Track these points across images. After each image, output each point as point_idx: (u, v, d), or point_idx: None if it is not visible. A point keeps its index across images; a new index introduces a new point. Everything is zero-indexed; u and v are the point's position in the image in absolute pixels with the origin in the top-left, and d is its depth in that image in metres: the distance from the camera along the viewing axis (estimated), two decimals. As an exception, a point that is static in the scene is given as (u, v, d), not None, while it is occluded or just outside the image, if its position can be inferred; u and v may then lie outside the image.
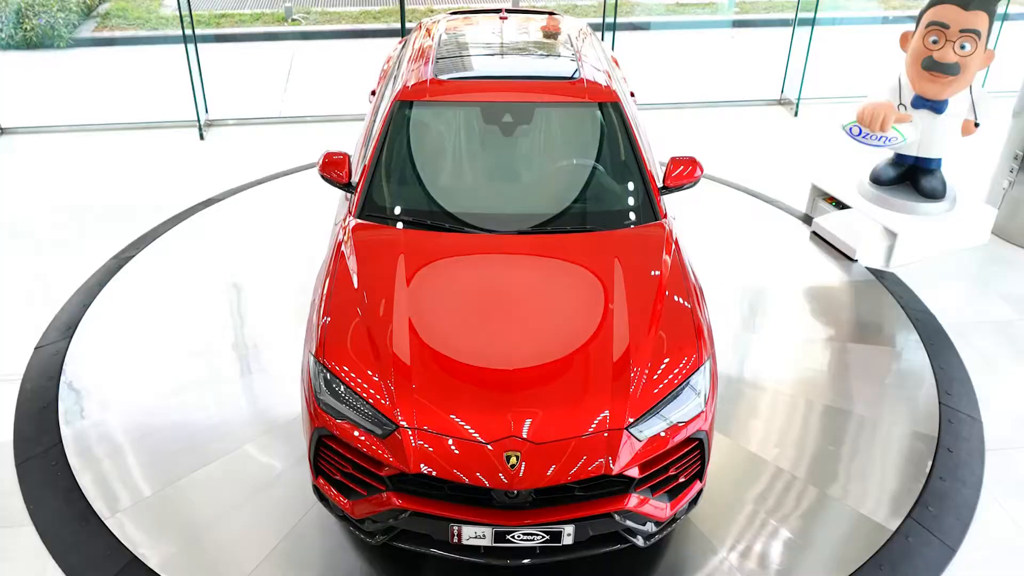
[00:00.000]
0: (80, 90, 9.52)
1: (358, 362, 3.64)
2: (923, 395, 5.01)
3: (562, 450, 3.39)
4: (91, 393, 4.84)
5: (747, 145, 8.36)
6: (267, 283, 5.81)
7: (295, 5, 11.79)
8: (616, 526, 3.49)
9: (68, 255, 6.12)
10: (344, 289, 3.98)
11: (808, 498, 4.26)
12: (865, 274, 6.17)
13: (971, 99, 6.27)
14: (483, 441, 3.38)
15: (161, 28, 11.17)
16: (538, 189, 4.67)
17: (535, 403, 3.49)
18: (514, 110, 4.74)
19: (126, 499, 4.13)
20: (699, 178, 4.65)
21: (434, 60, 4.99)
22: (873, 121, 6.20)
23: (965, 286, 6.19)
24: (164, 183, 7.26)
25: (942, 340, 5.49)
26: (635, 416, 3.49)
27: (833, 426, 4.75)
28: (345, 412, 3.54)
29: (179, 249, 6.23)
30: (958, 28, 5.95)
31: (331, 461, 3.63)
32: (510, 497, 3.36)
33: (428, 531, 3.48)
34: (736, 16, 12.53)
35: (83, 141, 8.06)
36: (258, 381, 4.95)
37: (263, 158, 7.64)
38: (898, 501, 4.26)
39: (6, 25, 10.20)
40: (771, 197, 7.23)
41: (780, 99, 9.34)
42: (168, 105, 8.60)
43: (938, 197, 6.51)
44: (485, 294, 4.02)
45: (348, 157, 4.64)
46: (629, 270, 4.03)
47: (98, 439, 4.49)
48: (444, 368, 3.62)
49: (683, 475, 3.67)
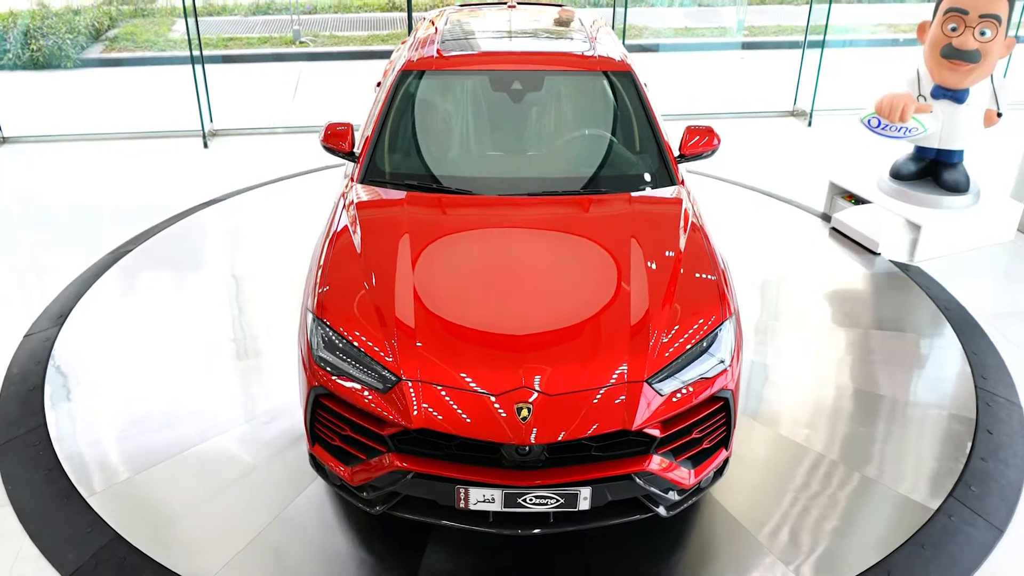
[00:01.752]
0: (85, 103, 9.49)
1: (360, 320, 3.40)
2: (957, 379, 4.75)
3: (577, 403, 3.13)
4: (79, 377, 4.61)
5: (762, 152, 8.21)
6: (262, 278, 5.66)
7: (303, 28, 11.81)
8: (636, 491, 3.21)
9: (64, 252, 5.97)
10: (345, 252, 3.76)
11: (842, 478, 3.97)
12: (889, 267, 5.93)
13: (992, 88, 6.09)
14: (492, 393, 3.12)
15: (169, 50, 11.18)
16: (547, 155, 4.48)
17: (548, 360, 3.24)
18: (523, 78, 4.57)
19: (110, 479, 3.88)
20: (717, 147, 4.46)
21: (440, 41, 4.85)
22: (892, 111, 6.02)
23: (993, 280, 5.94)
24: (164, 186, 7.13)
25: (973, 328, 5.23)
26: (655, 369, 3.24)
27: (865, 409, 4.48)
28: (344, 367, 3.29)
29: (175, 245, 6.09)
30: (977, 14, 5.80)
31: (328, 425, 3.37)
32: (521, 454, 3.09)
33: (432, 496, 3.20)
34: (745, 38, 12.50)
35: (85, 149, 7.98)
36: (247, 373, 4.72)
37: (266, 164, 7.52)
38: (937, 481, 3.97)
39: (13, 46, 10.20)
40: (789, 198, 7.03)
41: (793, 111, 9.22)
42: (173, 116, 8.52)
43: (961, 190, 6.29)
44: (494, 260, 3.79)
45: (351, 127, 4.47)
46: (646, 233, 3.81)
47: (84, 421, 4.26)
48: (451, 331, 3.38)
49: (708, 440, 3.40)
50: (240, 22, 12.75)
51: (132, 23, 12.15)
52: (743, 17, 12.83)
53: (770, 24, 13.07)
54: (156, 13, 12.92)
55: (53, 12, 11.32)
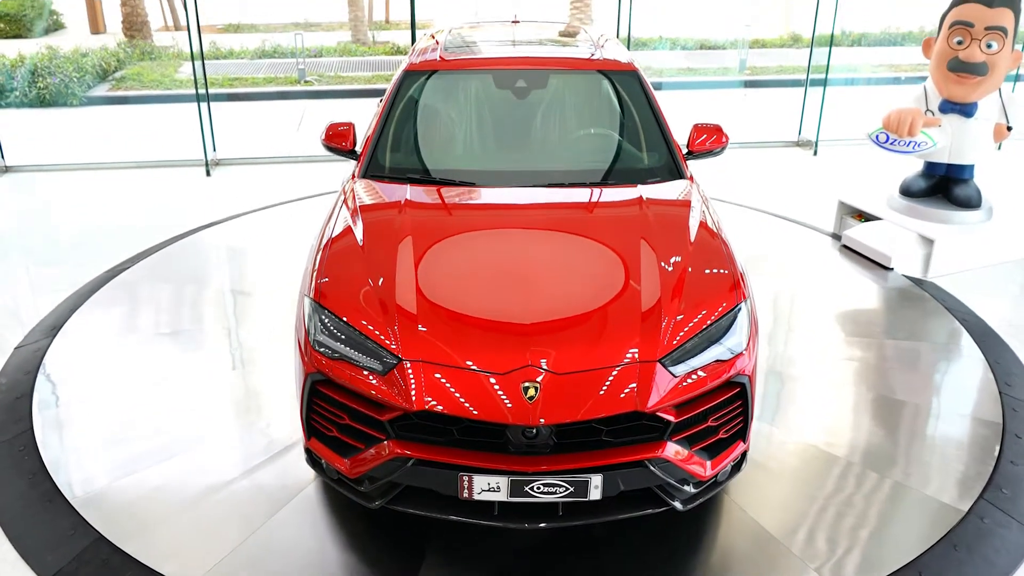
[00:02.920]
0: (89, 136, 9.51)
1: (360, 305, 3.26)
2: (980, 386, 4.58)
3: (587, 382, 2.97)
4: (68, 386, 4.47)
5: (770, 178, 8.16)
6: (258, 295, 5.58)
7: (308, 69, 11.90)
8: (651, 480, 3.02)
9: (61, 270, 5.88)
10: (346, 244, 3.64)
11: (866, 482, 3.78)
12: (903, 281, 5.79)
13: (1001, 101, 6.03)
14: (497, 372, 2.96)
15: (175, 88, 11.25)
16: (552, 152, 4.39)
17: (556, 342, 3.09)
18: (527, 77, 4.51)
19: (96, 483, 3.70)
20: (725, 145, 4.39)
21: (443, 48, 4.80)
22: (900, 126, 5.94)
23: (1011, 295, 5.78)
24: (164, 211, 7.06)
25: (993, 339, 5.07)
26: (668, 350, 3.08)
27: (887, 414, 4.30)
28: (342, 350, 3.14)
29: (173, 263, 6.00)
30: (983, 26, 5.77)
31: (325, 414, 3.20)
32: (528, 437, 2.92)
33: (434, 485, 3.02)
34: (747, 77, 12.56)
35: (87, 177, 7.96)
36: (239, 383, 4.57)
37: (268, 190, 7.46)
38: (966, 484, 3.78)
39: (20, 84, 10.26)
40: (798, 219, 6.93)
41: (798, 141, 9.18)
42: (176, 147, 8.52)
43: (973, 206, 6.18)
44: (500, 254, 3.66)
45: (353, 126, 4.40)
46: (656, 228, 3.68)
47: (71, 428, 4.10)
48: (455, 317, 3.23)
49: (724, 431, 3.22)
50: (246, 64, 12.88)
51: (139, 65, 12.26)
52: (745, 57, 12.92)
53: (771, 65, 13.16)
54: (163, 56, 13.07)
55: (61, 54, 11.43)
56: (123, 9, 14.97)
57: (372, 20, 17.16)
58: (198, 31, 7.91)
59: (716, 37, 14.45)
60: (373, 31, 16.17)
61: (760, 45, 14.26)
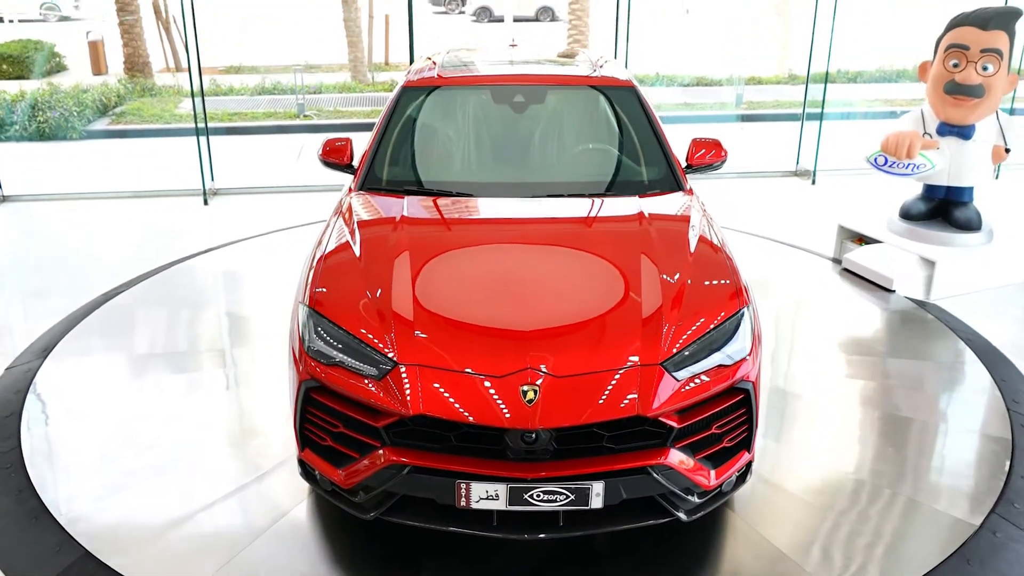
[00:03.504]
0: (87, 167, 9.52)
1: (356, 311, 3.20)
2: (988, 403, 4.51)
3: (588, 385, 2.90)
4: (58, 405, 4.39)
5: (769, 206, 8.15)
6: (251, 319, 5.53)
7: (307, 104, 11.97)
8: (654, 488, 2.94)
9: (54, 295, 5.83)
10: (343, 254, 3.59)
11: (877, 497, 3.69)
12: (905, 303, 5.74)
13: (999, 124, 6.03)
14: (495, 375, 2.90)
15: (174, 123, 11.30)
16: (550, 166, 4.37)
17: (556, 347, 3.02)
18: (525, 93, 4.51)
19: (84, 500, 3.61)
20: (725, 159, 4.37)
21: (440, 66, 4.81)
22: (899, 148, 5.93)
23: (1015, 317, 5.72)
24: (161, 238, 7.03)
25: (999, 358, 5.00)
26: (670, 353, 3.02)
27: (894, 431, 4.23)
28: (336, 356, 3.07)
29: (167, 288, 5.95)
30: (978, 49, 5.79)
31: (319, 423, 3.13)
32: (527, 442, 2.84)
33: (430, 494, 2.93)
34: (744, 111, 12.64)
35: (83, 206, 7.93)
36: (231, 402, 4.50)
37: (265, 219, 7.42)
38: (977, 499, 3.69)
39: (20, 117, 10.30)
40: (798, 244, 6.90)
41: (796, 170, 9.20)
42: (174, 177, 8.52)
43: (974, 228, 6.15)
44: (498, 265, 3.61)
45: (350, 141, 4.39)
46: (656, 239, 3.62)
47: (60, 445, 4.02)
48: (452, 324, 3.17)
49: (728, 439, 3.15)
50: (246, 100, 12.97)
51: (140, 101, 12.34)
52: (741, 92, 13.02)
53: (768, 100, 13.26)
54: (163, 93, 13.16)
55: (62, 90, 11.50)
56: (125, 50, 15.11)
57: (372, 62, 17.31)
58: (199, 70, 7.97)
59: (713, 74, 14.58)
60: (372, 72, 16.30)
61: (756, 82, 14.39)
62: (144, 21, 15.32)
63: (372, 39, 17.27)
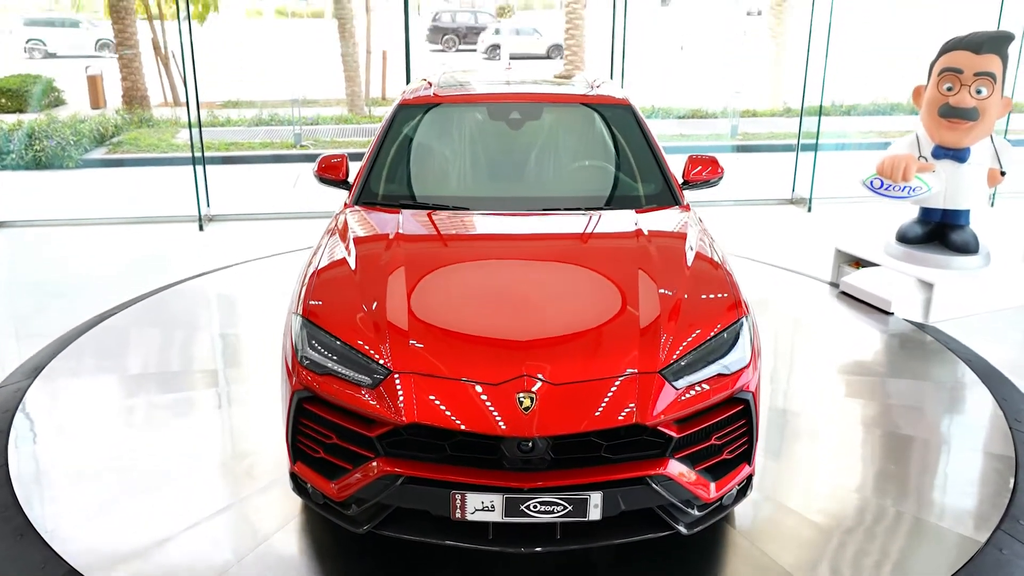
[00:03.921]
0: (83, 194, 9.52)
1: (351, 321, 3.16)
2: (990, 422, 4.45)
3: (585, 393, 2.85)
4: (46, 424, 4.33)
5: (765, 232, 8.16)
6: (244, 340, 5.50)
7: (304, 134, 12.02)
8: (653, 499, 2.88)
9: (48, 317, 5.79)
10: (338, 266, 3.56)
11: (882, 515, 3.62)
12: (904, 325, 5.70)
13: (994, 147, 6.05)
14: (491, 382, 2.84)
15: (171, 152, 11.32)
16: (546, 181, 4.35)
17: (553, 356, 2.98)
18: (521, 109, 4.51)
19: (70, 517, 3.52)
20: (721, 175, 4.36)
21: (437, 86, 4.81)
22: (895, 171, 5.94)
23: (1015, 340, 5.68)
24: (155, 262, 7.01)
25: (1000, 378, 4.95)
26: (668, 361, 2.97)
27: (896, 450, 4.18)
28: (330, 365, 3.02)
29: (159, 310, 5.89)
30: (972, 72, 5.82)
31: (312, 434, 3.06)
32: (523, 451, 2.78)
33: (425, 505, 2.86)
34: (739, 142, 12.72)
35: (78, 232, 7.91)
36: (222, 421, 4.45)
37: (260, 244, 7.40)
38: (982, 515, 3.62)
39: (17, 146, 10.31)
40: (795, 269, 6.88)
41: (792, 198, 9.22)
42: (170, 204, 8.52)
43: (971, 251, 6.13)
44: (494, 279, 3.57)
45: (345, 158, 4.37)
46: (653, 254, 3.59)
47: (47, 464, 3.94)
48: (448, 333, 3.12)
49: (728, 451, 3.09)
50: (243, 131, 13.01)
51: (137, 131, 12.38)
52: (736, 124, 13.11)
53: (763, 131, 13.35)
54: (161, 124, 13.21)
55: (59, 120, 11.54)
56: (123, 84, 15.21)
57: (369, 96, 17.44)
58: (196, 100, 8.01)
59: (708, 106, 14.70)
60: (369, 106, 16.42)
61: (752, 114, 14.50)
62: (143, 56, 15.45)
63: (369, 74, 17.42)
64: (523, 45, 22.74)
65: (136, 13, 15.57)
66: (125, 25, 14.96)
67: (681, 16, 31.81)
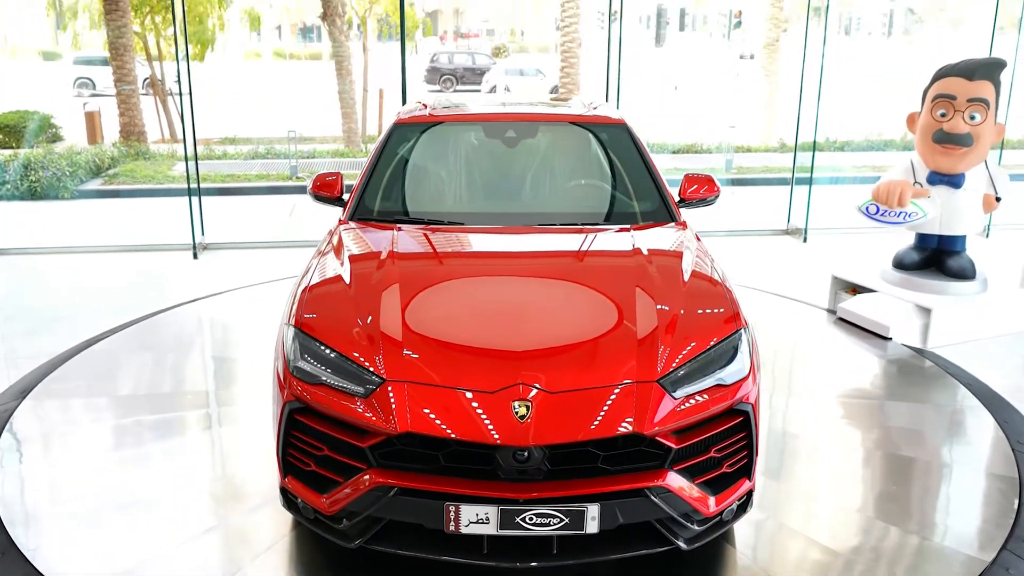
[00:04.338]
0: (78, 222, 9.49)
1: (344, 332, 3.10)
2: (992, 443, 4.40)
3: (582, 401, 2.80)
4: (33, 443, 4.26)
5: (761, 261, 8.14)
6: (235, 363, 5.48)
7: (300, 167, 12.05)
8: (652, 512, 2.81)
9: (39, 341, 5.72)
10: (332, 281, 3.52)
11: (887, 535, 3.55)
12: (903, 350, 5.66)
13: (989, 173, 6.06)
14: (486, 390, 2.79)
15: (167, 183, 11.31)
16: (541, 199, 4.33)
17: (550, 365, 2.93)
18: (517, 128, 4.50)
19: (54, 535, 3.45)
20: (718, 194, 4.35)
21: (432, 107, 4.81)
22: (890, 197, 5.95)
23: (1015, 366, 5.64)
24: (147, 289, 6.96)
25: (1001, 401, 4.89)
26: (667, 370, 2.92)
27: (897, 470, 4.13)
28: (322, 375, 2.97)
29: (150, 334, 5.84)
30: (965, 98, 5.85)
31: (303, 447, 3.00)
32: (519, 461, 2.72)
33: (418, 518, 2.79)
34: (734, 176, 12.77)
35: (72, 259, 7.87)
36: (211, 441, 4.40)
37: (253, 272, 7.35)
38: (987, 535, 3.56)
39: (12, 177, 10.29)
40: (792, 296, 6.85)
41: (787, 229, 9.23)
42: (165, 232, 8.50)
43: (968, 276, 6.11)
44: (488, 294, 3.52)
45: (340, 176, 4.36)
46: (649, 269, 3.54)
47: (32, 483, 3.87)
48: (443, 344, 3.07)
49: (728, 464, 3.03)
50: (239, 164, 13.04)
51: (134, 163, 12.38)
52: (731, 158, 13.18)
53: (757, 165, 13.42)
54: (157, 157, 13.23)
55: (56, 151, 11.55)
56: (121, 119, 15.28)
57: (365, 133, 17.54)
58: (193, 135, 8.04)
59: (703, 141, 14.79)
60: (365, 143, 16.49)
61: (745, 150, 14.59)
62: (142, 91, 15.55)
63: (366, 111, 17.53)
64: (527, 85, 22.90)
65: (135, 51, 15.70)
66: (123, 62, 15.07)
67: (675, 57, 32.18)
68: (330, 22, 16.43)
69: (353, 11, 18.74)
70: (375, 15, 19.86)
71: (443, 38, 40.89)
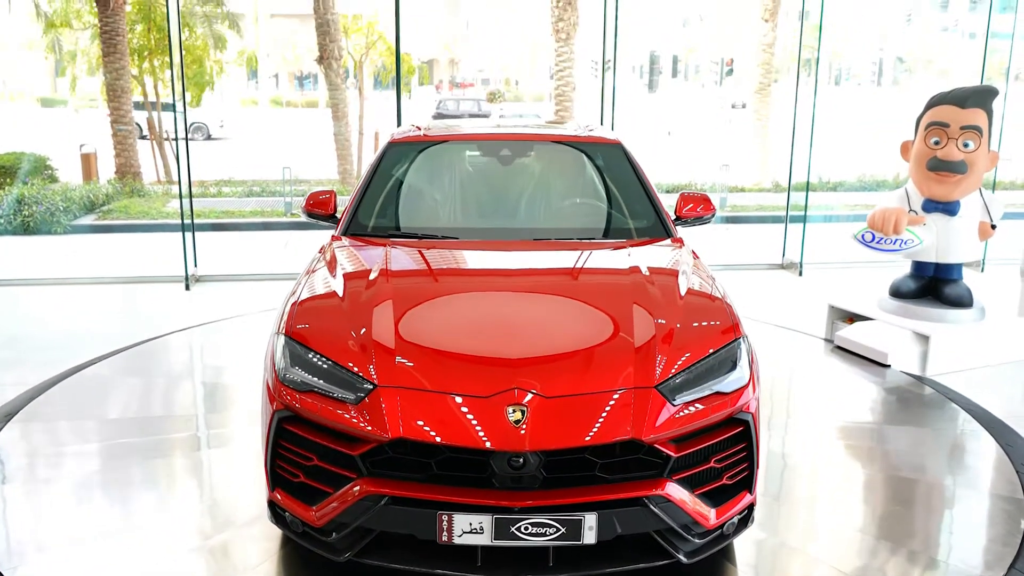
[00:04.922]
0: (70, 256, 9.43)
1: (335, 339, 3.04)
2: (995, 466, 4.33)
3: (578, 406, 2.73)
4: (16, 464, 4.17)
5: (758, 296, 8.10)
6: (220, 388, 5.41)
7: (294, 203, 12.06)
8: (651, 522, 2.72)
9: (27, 368, 5.62)
10: (324, 294, 3.45)
11: (893, 555, 3.46)
12: (902, 377, 5.59)
13: (983, 201, 6.06)
14: (480, 395, 2.72)
15: (161, 219, 11.29)
16: (536, 216, 4.29)
17: (544, 373, 2.86)
18: (512, 147, 4.48)
19: (38, 556, 3.34)
20: (714, 213, 4.33)
21: (426, 128, 4.80)
22: (885, 224, 5.93)
23: (1015, 393, 5.57)
24: (138, 318, 6.89)
25: (1003, 426, 4.82)
26: (665, 376, 2.86)
27: (900, 492, 4.05)
28: (312, 382, 2.89)
29: (140, 361, 5.78)
30: (958, 126, 5.87)
31: (292, 457, 2.91)
32: (514, 467, 2.64)
33: (410, 528, 2.70)
34: (729, 213, 12.81)
35: (64, 291, 7.81)
36: (198, 464, 4.30)
37: (245, 303, 7.29)
38: (993, 553, 3.47)
39: (5, 212, 10.27)
40: (789, 326, 6.80)
41: (783, 263, 9.22)
42: (157, 265, 8.46)
43: (965, 304, 6.07)
44: (482, 307, 3.46)
45: (334, 193, 4.33)
46: (646, 284, 3.48)
47: (14, 502, 3.77)
48: (436, 352, 3.00)
49: (729, 476, 2.95)
50: (234, 201, 13.05)
51: (128, 200, 12.37)
52: (725, 196, 13.25)
53: (751, 203, 13.48)
54: (152, 195, 13.23)
55: (50, 187, 11.55)
56: (117, 160, 15.34)
57: (360, 174, 17.62)
58: (188, 173, 8.05)
59: (696, 180, 14.87)
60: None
61: (739, 190, 14.68)
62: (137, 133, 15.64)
63: (362, 152, 17.63)
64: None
65: (132, 93, 15.81)
66: (120, 103, 15.21)
67: (668, 104, 32.55)
68: (326, 65, 16.59)
69: (349, 55, 18.95)
70: (371, 61, 20.11)
71: (439, 87, 41.37)
